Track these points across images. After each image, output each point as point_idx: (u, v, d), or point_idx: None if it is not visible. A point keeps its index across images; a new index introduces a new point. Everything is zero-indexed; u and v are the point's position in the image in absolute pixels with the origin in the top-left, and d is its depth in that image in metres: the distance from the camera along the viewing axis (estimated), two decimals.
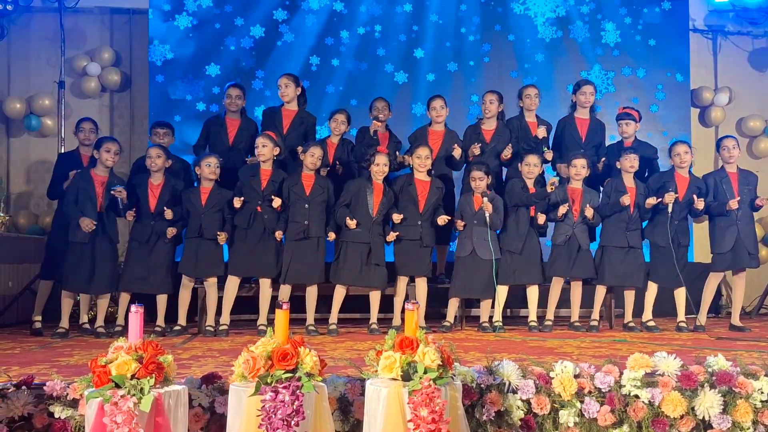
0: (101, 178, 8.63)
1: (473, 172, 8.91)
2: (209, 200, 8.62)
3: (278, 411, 3.77)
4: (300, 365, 3.97)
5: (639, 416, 4.89)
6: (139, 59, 11.98)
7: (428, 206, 8.82)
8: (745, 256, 9.02)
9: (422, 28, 11.93)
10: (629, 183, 8.96)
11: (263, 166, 8.72)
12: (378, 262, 8.68)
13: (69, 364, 6.09)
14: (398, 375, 4.06)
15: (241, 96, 9.60)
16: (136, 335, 4.01)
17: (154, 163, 8.70)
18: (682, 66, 12.03)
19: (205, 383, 4.68)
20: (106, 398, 3.76)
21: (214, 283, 8.73)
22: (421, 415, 3.85)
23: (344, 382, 4.76)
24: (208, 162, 8.66)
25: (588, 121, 9.70)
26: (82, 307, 8.95)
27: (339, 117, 9.41)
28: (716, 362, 5.12)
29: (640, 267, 8.96)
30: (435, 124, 9.56)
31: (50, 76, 11.81)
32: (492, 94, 9.64)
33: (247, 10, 11.62)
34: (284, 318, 4.10)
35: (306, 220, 8.60)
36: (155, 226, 8.61)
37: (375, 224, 8.67)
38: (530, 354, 6.18)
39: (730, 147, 9.12)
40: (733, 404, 4.95)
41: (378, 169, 8.68)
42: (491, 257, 8.75)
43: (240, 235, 8.67)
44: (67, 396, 4.54)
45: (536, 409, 4.84)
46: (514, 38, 12.00)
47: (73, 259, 8.56)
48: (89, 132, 9.31)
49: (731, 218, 8.96)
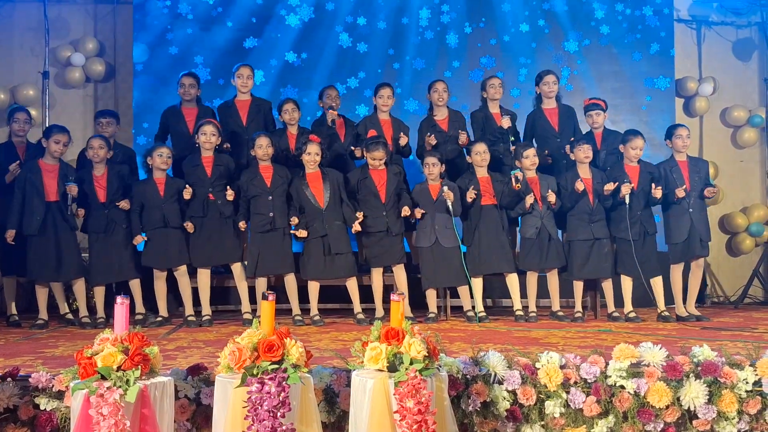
0: (52, 167, 8.56)
1: (427, 158, 8.91)
2: (167, 190, 8.60)
3: (264, 402, 3.77)
4: (286, 356, 3.97)
5: (625, 406, 4.90)
6: (123, 49, 11.90)
7: (389, 195, 8.78)
8: (698, 245, 9.02)
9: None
10: (585, 174, 8.93)
11: (204, 154, 8.72)
12: (339, 251, 8.63)
13: (54, 356, 6.09)
14: (384, 366, 4.06)
15: (194, 85, 9.51)
16: (122, 327, 4.01)
17: (96, 154, 8.63)
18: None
19: (191, 374, 4.68)
20: (92, 390, 3.76)
21: (184, 271, 8.70)
22: (407, 406, 3.85)
23: (330, 373, 4.77)
24: (160, 152, 8.64)
25: (557, 110, 9.67)
26: (58, 297, 8.86)
27: (289, 106, 9.34)
28: (701, 353, 5.14)
29: (606, 257, 8.92)
30: (381, 113, 9.50)
31: (34, 66, 11.74)
32: (443, 83, 9.62)
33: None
34: (270, 309, 4.10)
35: (270, 212, 8.59)
36: (109, 215, 8.58)
37: (327, 214, 8.62)
38: (516, 344, 6.18)
39: (684, 136, 9.10)
40: (719, 394, 4.97)
41: (310, 158, 8.63)
42: (456, 244, 8.75)
43: (196, 224, 8.66)
44: (53, 388, 4.54)
45: (522, 399, 4.85)
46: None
47: (34, 250, 8.52)
48: (24, 123, 9.25)
49: (683, 207, 8.96)
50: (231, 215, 8.68)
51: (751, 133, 12.65)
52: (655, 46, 11.93)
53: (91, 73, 11.83)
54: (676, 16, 12.45)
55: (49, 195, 8.51)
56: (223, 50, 11.42)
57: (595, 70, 11.79)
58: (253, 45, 11.47)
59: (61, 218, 8.54)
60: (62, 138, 8.60)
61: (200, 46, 11.40)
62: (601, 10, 11.91)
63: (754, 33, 12.84)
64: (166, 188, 8.61)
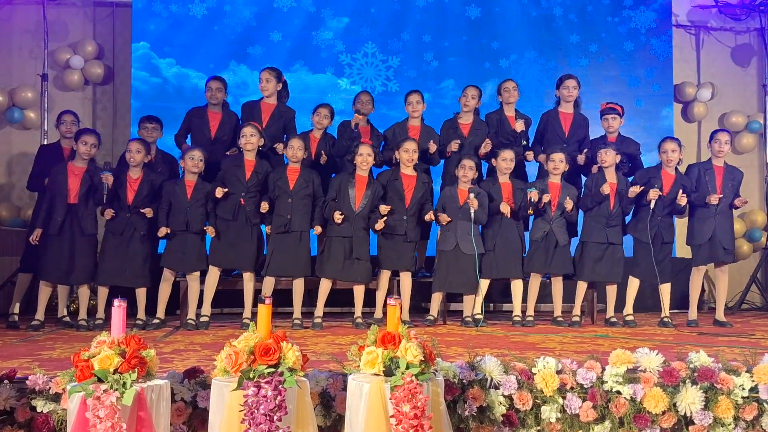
0: (79, 169, 8.60)
1: (464, 160, 8.88)
2: (194, 194, 8.60)
3: (261, 406, 3.77)
4: (282, 360, 3.97)
5: (621, 412, 4.90)
6: (122, 52, 11.95)
7: (414, 201, 8.79)
8: (720, 251, 9.01)
9: None
10: (611, 178, 8.93)
11: (247, 157, 8.70)
12: (360, 256, 8.64)
13: (51, 358, 6.08)
14: (380, 370, 4.06)
15: (221, 89, 9.50)
16: (119, 330, 4.01)
17: (133, 157, 8.64)
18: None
19: (187, 378, 4.68)
20: (89, 393, 3.76)
21: (196, 276, 8.70)
22: (403, 410, 3.86)
23: (326, 377, 4.77)
24: (192, 155, 8.63)
25: (572, 116, 9.65)
26: (60, 300, 8.91)
27: (322, 111, 9.39)
28: (698, 358, 5.14)
29: (618, 263, 8.93)
30: (412, 119, 9.52)
31: (33, 68, 11.80)
32: (474, 89, 9.60)
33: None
34: (266, 313, 4.10)
35: (288, 213, 8.58)
36: (131, 219, 8.57)
37: (358, 218, 8.64)
38: (512, 349, 6.18)
39: (723, 141, 9.10)
40: (715, 400, 4.96)
41: (362, 159, 8.66)
42: (475, 252, 8.73)
43: (222, 226, 8.64)
44: (50, 390, 4.53)
45: (518, 404, 4.86)
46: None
47: (50, 251, 8.55)
48: (71, 124, 9.32)
49: (710, 211, 8.95)
50: (257, 223, 8.70)
51: (749, 138, 12.70)
52: (653, 51, 11.96)
53: (90, 75, 11.87)
54: (675, 21, 12.51)
55: (71, 197, 8.54)
56: (224, 53, 11.48)
57: (593, 74, 11.82)
58: (256, 50, 11.55)
59: (79, 221, 8.54)
60: (89, 139, 8.63)
61: (200, 48, 11.43)
62: (599, 14, 11.95)
63: (753, 39, 12.90)
64: (194, 192, 8.60)
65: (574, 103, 9.69)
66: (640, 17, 12.09)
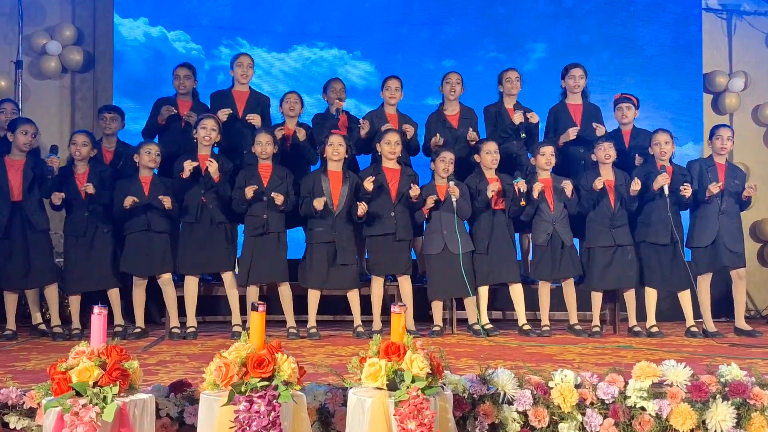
0: (18, 162, 8.54)
1: (443, 153, 8.84)
2: (152, 191, 8.50)
3: (253, 422, 3.77)
4: (277, 372, 3.97)
5: (645, 430, 4.89)
6: (103, 37, 11.90)
7: (400, 195, 8.73)
8: (725, 254, 8.90)
9: None
10: (606, 175, 8.88)
11: (201, 152, 8.61)
12: (345, 261, 8.57)
13: (26, 370, 6.09)
14: (384, 384, 4.06)
15: (190, 76, 9.48)
16: (99, 339, 4.00)
17: (78, 150, 8.57)
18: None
19: (173, 391, 4.68)
20: (66, 407, 3.76)
21: (169, 279, 8.64)
22: (409, 427, 3.86)
23: (324, 391, 4.76)
24: (148, 149, 8.58)
25: (581, 107, 9.63)
26: (31, 305, 8.79)
27: (291, 97, 9.38)
28: (729, 371, 5.13)
29: (630, 265, 8.86)
30: (388, 106, 9.50)
31: (6, 54, 11.73)
32: (457, 75, 9.59)
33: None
34: (260, 321, 4.09)
35: (264, 213, 8.53)
36: (90, 217, 8.52)
37: (338, 219, 8.58)
38: (527, 361, 6.19)
39: (725, 137, 9.04)
40: (748, 417, 4.96)
41: (332, 149, 8.58)
42: (464, 251, 8.68)
43: (186, 230, 8.64)
44: (24, 404, 4.55)
45: (534, 422, 4.85)
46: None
47: (0, 255, 8.49)
48: (11, 113, 9.25)
49: (714, 209, 8.91)
50: (223, 221, 8.64)
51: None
52: (681, 38, 11.95)
53: (68, 62, 11.82)
54: (705, 5, 12.47)
55: (15, 194, 8.47)
56: (210, 35, 11.51)
57: (617, 62, 11.82)
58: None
59: (26, 219, 8.48)
60: (30, 129, 8.56)
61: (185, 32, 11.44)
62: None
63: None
64: (151, 188, 8.51)
65: (582, 93, 9.68)
66: (667, 1, 12.07)
